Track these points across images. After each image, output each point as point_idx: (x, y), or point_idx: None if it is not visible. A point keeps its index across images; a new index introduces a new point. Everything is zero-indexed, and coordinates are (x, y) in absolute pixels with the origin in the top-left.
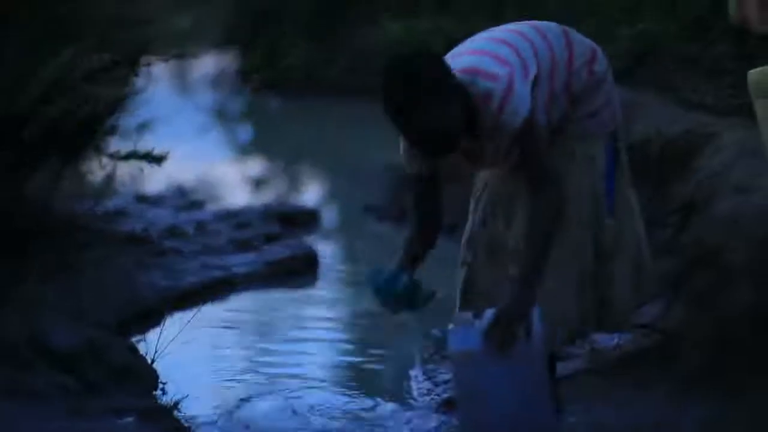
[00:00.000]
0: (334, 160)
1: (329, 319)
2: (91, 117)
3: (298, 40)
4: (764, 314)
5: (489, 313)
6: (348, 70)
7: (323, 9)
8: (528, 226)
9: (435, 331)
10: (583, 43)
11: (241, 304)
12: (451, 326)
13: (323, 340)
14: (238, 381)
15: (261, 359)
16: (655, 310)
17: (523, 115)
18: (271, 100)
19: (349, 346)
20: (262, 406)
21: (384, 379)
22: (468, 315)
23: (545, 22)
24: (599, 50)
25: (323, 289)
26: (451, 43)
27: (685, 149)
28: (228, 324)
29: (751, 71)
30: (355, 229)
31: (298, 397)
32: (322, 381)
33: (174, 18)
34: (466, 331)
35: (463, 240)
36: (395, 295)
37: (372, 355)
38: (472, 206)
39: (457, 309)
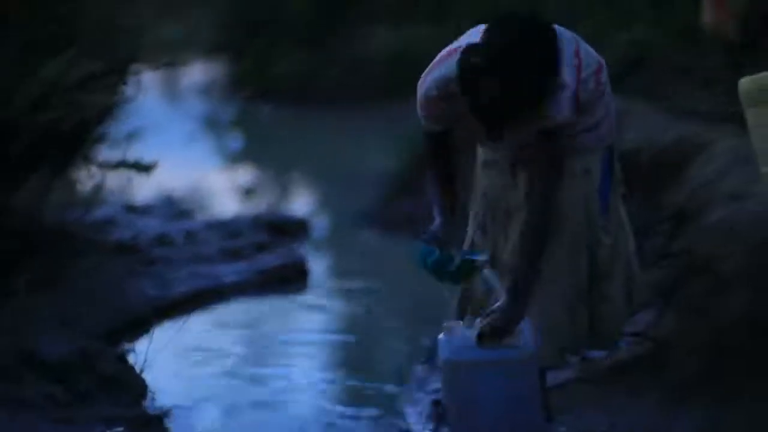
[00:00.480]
0: (325, 168)
1: (319, 328)
2: (81, 125)
3: (291, 48)
4: (759, 320)
5: (479, 321)
6: (340, 78)
7: (316, 17)
8: (525, 223)
9: (426, 340)
10: (590, 53)
11: (231, 313)
12: (441, 335)
13: (313, 349)
14: (228, 390)
15: (250, 368)
16: (647, 318)
17: (565, 112)
18: (262, 109)
19: (339, 355)
20: (252, 414)
21: (374, 387)
22: (459, 324)
23: (560, 27)
24: (603, 62)
25: (313, 298)
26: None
27: (678, 157)
28: (217, 333)
29: (743, 80)
30: (346, 238)
31: (288, 406)
32: (312, 389)
33: (165, 26)
34: (456, 340)
35: (464, 248)
36: (448, 275)
37: (362, 364)
38: (471, 215)
39: (453, 316)
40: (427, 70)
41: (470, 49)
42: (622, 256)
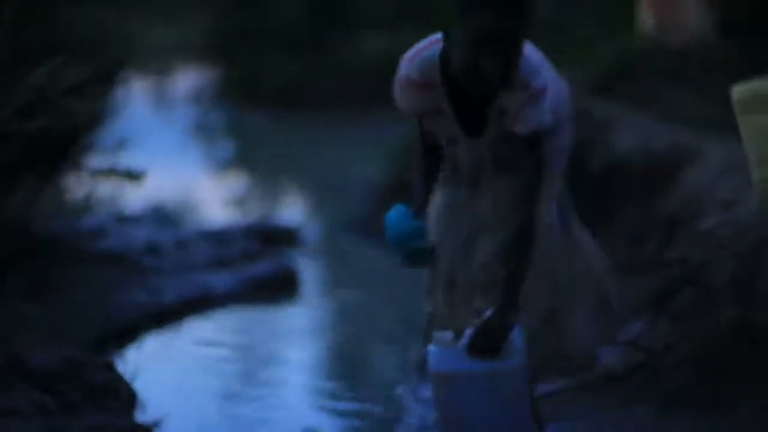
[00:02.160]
0: (316, 176)
1: (309, 337)
2: (70, 132)
3: (281, 55)
4: (751, 329)
5: (469, 332)
6: (330, 85)
7: (306, 24)
8: (512, 230)
9: (416, 350)
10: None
11: (221, 321)
12: (431, 346)
13: (303, 359)
14: (218, 399)
15: (241, 377)
16: (639, 327)
17: (542, 123)
18: (252, 116)
19: (330, 365)
20: (242, 423)
21: (366, 398)
22: (449, 335)
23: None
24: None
25: (303, 307)
26: None
27: (670, 164)
28: (207, 342)
29: (735, 87)
30: (336, 246)
31: (278, 416)
32: (303, 399)
33: (156, 32)
34: (446, 352)
35: (440, 269)
36: (413, 249)
37: (354, 374)
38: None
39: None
40: (410, 54)
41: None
42: (586, 278)
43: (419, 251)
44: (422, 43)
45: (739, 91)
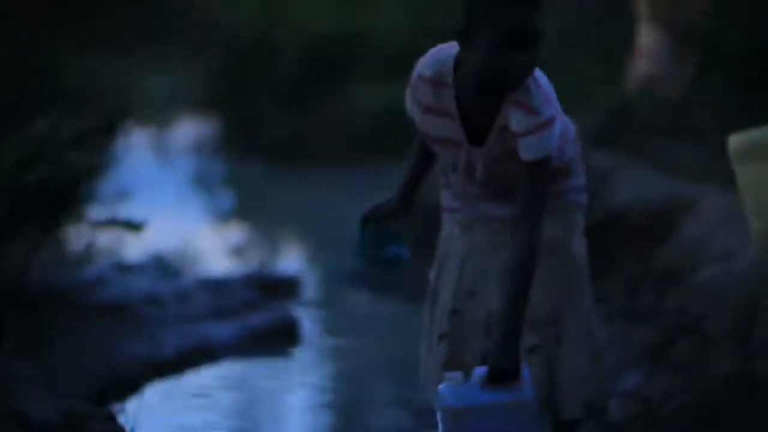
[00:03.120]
0: (315, 226)
1: (310, 388)
2: (70, 183)
3: (279, 107)
4: (748, 380)
5: (479, 371)
6: (328, 136)
7: (305, 75)
8: (511, 259)
9: (420, 397)
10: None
11: (221, 372)
12: (442, 385)
13: (304, 410)
14: None
15: (241, 428)
16: (637, 377)
17: (549, 151)
18: (251, 167)
19: (331, 416)
20: None
21: None
22: (458, 374)
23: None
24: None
25: (303, 358)
26: None
27: (668, 215)
28: (208, 393)
29: (732, 136)
30: (336, 297)
31: None
32: None
33: (154, 83)
34: (458, 388)
35: (440, 311)
36: (376, 256)
37: (355, 425)
38: (455, 275)
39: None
40: (426, 55)
41: None
42: (577, 330)
43: (387, 261)
44: (438, 47)
45: (735, 140)
